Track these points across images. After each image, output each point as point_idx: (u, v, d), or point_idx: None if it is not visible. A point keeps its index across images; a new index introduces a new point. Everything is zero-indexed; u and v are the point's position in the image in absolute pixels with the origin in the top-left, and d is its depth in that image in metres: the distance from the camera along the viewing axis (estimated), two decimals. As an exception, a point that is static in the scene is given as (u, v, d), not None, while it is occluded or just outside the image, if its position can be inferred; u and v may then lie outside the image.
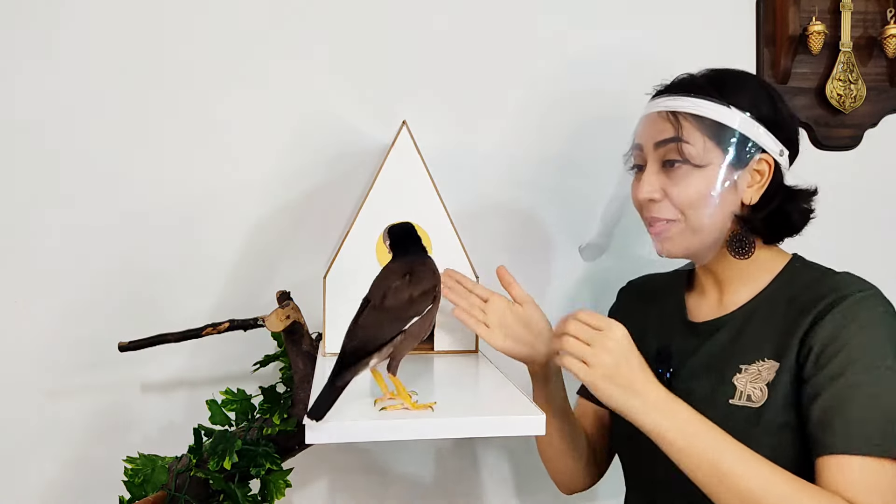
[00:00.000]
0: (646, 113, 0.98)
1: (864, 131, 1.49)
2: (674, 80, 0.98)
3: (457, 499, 1.37)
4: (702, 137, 0.91)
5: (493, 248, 1.33)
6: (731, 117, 0.90)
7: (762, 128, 0.91)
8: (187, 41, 1.24)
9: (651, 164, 0.95)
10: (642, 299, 1.12)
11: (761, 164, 0.92)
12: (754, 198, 0.92)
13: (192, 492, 1.00)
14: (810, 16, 1.40)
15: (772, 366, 0.88)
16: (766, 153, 0.91)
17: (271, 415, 1.05)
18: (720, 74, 0.95)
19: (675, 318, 1.03)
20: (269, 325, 1.03)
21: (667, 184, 0.93)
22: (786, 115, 0.94)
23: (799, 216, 0.95)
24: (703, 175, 0.91)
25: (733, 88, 0.92)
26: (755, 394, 0.88)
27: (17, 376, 1.21)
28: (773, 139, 0.92)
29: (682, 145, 0.91)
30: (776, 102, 0.93)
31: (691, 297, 1.04)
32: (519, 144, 1.35)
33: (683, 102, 0.93)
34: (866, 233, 1.51)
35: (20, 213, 1.20)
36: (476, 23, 1.33)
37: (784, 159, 0.93)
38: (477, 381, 0.98)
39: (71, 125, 1.21)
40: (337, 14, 1.28)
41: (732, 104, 0.91)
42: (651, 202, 0.95)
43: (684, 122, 0.92)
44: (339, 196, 1.29)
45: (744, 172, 0.91)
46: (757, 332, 0.92)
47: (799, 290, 0.91)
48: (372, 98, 1.30)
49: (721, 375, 0.92)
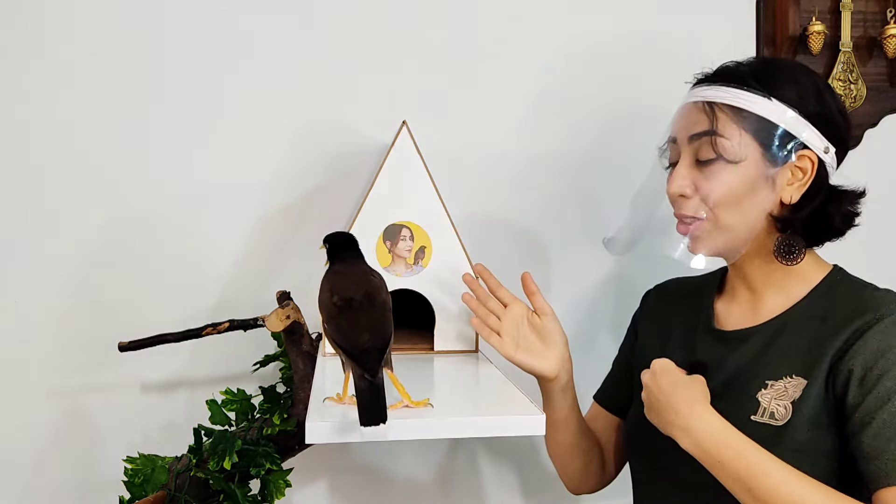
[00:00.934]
0: (684, 102, 0.93)
1: (864, 131, 1.49)
2: (717, 68, 0.93)
3: (457, 499, 1.37)
4: (738, 131, 0.86)
5: (493, 249, 1.33)
6: (772, 110, 0.85)
7: (807, 122, 0.86)
8: (187, 41, 1.24)
9: (684, 157, 0.90)
10: (668, 303, 1.07)
11: (804, 161, 0.86)
12: (795, 196, 0.87)
13: (192, 492, 1.00)
14: (810, 16, 1.40)
15: (799, 383, 0.84)
16: (810, 149, 0.86)
17: (271, 415, 1.05)
18: (766, 63, 0.90)
19: (700, 326, 0.98)
20: (269, 325, 1.03)
21: (699, 178, 0.88)
22: (835, 111, 0.88)
23: (842, 219, 0.90)
24: (738, 171, 0.86)
25: (778, 79, 0.87)
26: (779, 411, 0.84)
27: (17, 376, 1.21)
28: (818, 135, 0.86)
29: (716, 139, 0.86)
30: (825, 96, 0.87)
31: (721, 303, 0.99)
32: (519, 144, 1.35)
33: (721, 93, 0.88)
34: (866, 233, 1.51)
35: (20, 212, 1.20)
36: (476, 23, 1.33)
37: (830, 157, 0.88)
38: (477, 381, 0.98)
39: (71, 125, 1.21)
40: (337, 14, 1.28)
41: (775, 96, 0.85)
42: (682, 198, 0.90)
43: (720, 113, 0.87)
44: (339, 196, 1.28)
45: (783, 169, 0.86)
46: (787, 346, 0.87)
47: (835, 304, 0.86)
48: (372, 98, 1.30)
49: (745, 390, 0.88)
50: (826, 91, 0.88)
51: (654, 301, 1.11)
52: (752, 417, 0.85)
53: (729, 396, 0.89)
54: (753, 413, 0.85)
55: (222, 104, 1.25)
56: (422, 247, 1.08)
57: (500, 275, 1.06)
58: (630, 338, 1.14)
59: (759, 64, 0.90)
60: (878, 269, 1.51)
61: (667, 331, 1.03)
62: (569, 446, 1.07)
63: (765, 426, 0.84)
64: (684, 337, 1.00)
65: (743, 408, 0.86)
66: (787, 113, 0.85)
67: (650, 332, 1.07)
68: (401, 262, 1.08)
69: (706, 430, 0.81)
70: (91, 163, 1.22)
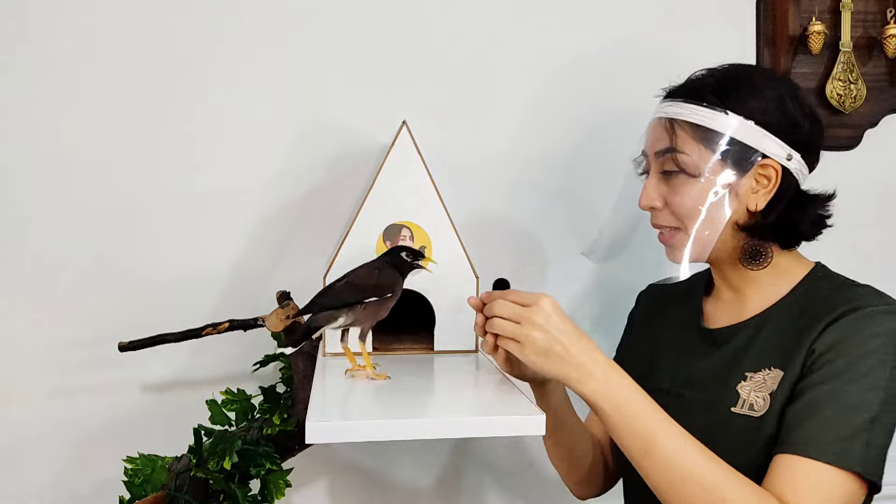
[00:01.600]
0: (651, 118, 0.97)
1: (864, 131, 1.49)
2: (684, 81, 0.96)
3: (457, 499, 1.37)
4: (697, 146, 0.89)
5: (493, 249, 1.33)
6: (727, 124, 0.88)
7: (765, 132, 0.88)
8: (188, 42, 1.24)
9: (653, 171, 0.95)
10: (661, 304, 1.10)
11: (767, 170, 0.89)
12: (761, 204, 0.90)
13: (192, 492, 1.00)
14: (810, 16, 1.40)
15: (776, 374, 0.86)
16: (771, 158, 0.88)
17: (271, 415, 1.05)
18: (727, 75, 0.92)
19: (691, 325, 1.01)
20: (269, 325, 1.03)
21: (667, 192, 0.93)
22: (798, 118, 0.90)
23: (810, 224, 0.92)
24: (700, 184, 0.89)
25: (737, 91, 0.89)
26: (757, 403, 0.86)
27: (17, 376, 1.21)
28: (778, 143, 0.88)
29: (676, 155, 0.90)
30: (787, 104, 0.89)
31: (709, 303, 1.02)
32: (519, 144, 1.35)
33: (679, 109, 0.91)
34: (866, 233, 1.51)
35: (20, 212, 1.20)
36: (476, 22, 1.33)
37: (794, 163, 0.89)
38: (477, 381, 0.98)
39: (71, 125, 1.21)
40: (337, 14, 1.28)
41: (732, 109, 0.88)
42: (653, 210, 0.95)
43: (679, 130, 0.90)
44: (339, 196, 1.28)
45: (745, 179, 0.89)
46: (767, 340, 0.90)
47: (815, 300, 0.89)
48: (372, 98, 1.30)
49: (726, 383, 0.90)
50: (790, 98, 0.90)
51: (647, 301, 1.15)
52: (733, 409, 0.88)
53: (711, 389, 0.92)
54: (733, 405, 0.88)
55: (222, 104, 1.25)
56: (422, 247, 1.08)
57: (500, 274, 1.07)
58: (627, 336, 1.16)
59: (722, 76, 0.92)
60: (877, 267, 1.52)
61: (660, 330, 1.06)
62: (568, 449, 1.07)
63: (744, 417, 0.86)
64: (674, 336, 1.02)
65: (724, 400, 0.89)
66: (744, 125, 0.88)
67: (644, 331, 1.10)
68: (401, 262, 1.08)
69: (615, 381, 0.82)
70: (91, 163, 1.22)
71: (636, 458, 0.81)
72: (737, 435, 0.85)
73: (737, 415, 0.87)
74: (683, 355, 0.99)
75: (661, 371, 1.01)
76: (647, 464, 0.80)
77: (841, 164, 1.49)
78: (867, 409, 0.79)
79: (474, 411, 0.84)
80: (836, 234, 1.48)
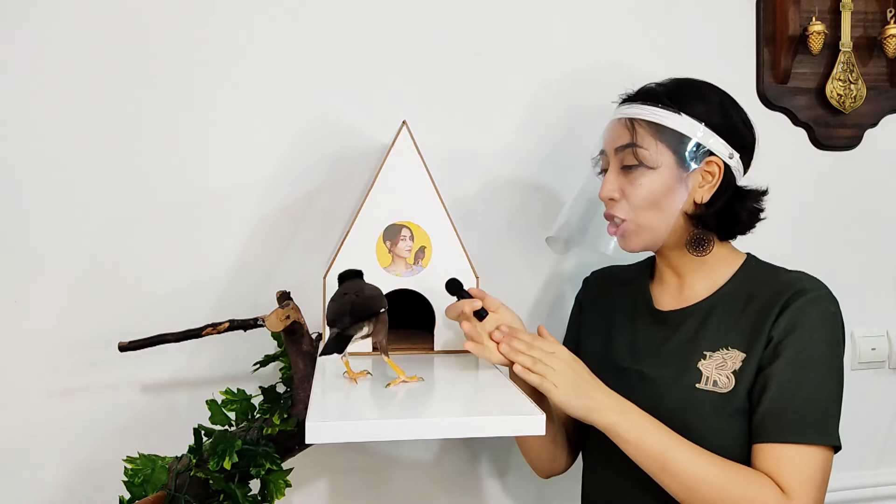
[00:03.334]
0: (611, 119, 1.07)
1: (864, 131, 1.49)
2: (638, 89, 1.06)
3: (457, 499, 1.37)
4: (655, 141, 1.00)
5: (493, 249, 1.33)
6: (681, 123, 0.99)
7: (712, 132, 0.99)
8: (188, 41, 1.24)
9: (612, 166, 1.04)
10: (608, 288, 1.19)
11: (711, 166, 1.00)
12: (705, 196, 1.01)
13: (192, 492, 1.00)
14: (810, 16, 1.40)
15: (737, 355, 0.98)
16: (716, 156, 1.00)
17: (271, 415, 1.05)
18: (679, 84, 1.04)
19: (642, 306, 1.11)
20: (269, 325, 1.03)
21: (625, 184, 1.02)
22: (738, 122, 1.02)
23: (748, 215, 1.03)
24: (656, 175, 1.00)
25: (688, 97, 1.01)
26: (721, 380, 0.97)
27: (17, 377, 1.21)
28: (722, 143, 1.00)
29: (636, 149, 1.00)
30: (728, 110, 1.01)
31: (654, 287, 1.12)
32: (519, 144, 1.35)
33: (639, 110, 1.02)
34: (866, 232, 1.51)
35: (20, 213, 1.20)
36: (476, 22, 1.33)
37: (735, 162, 1.01)
38: (477, 381, 0.98)
39: (71, 125, 1.21)
40: (337, 14, 1.28)
41: (685, 111, 0.99)
42: (611, 201, 1.04)
43: (639, 128, 1.01)
44: (339, 196, 1.29)
45: (694, 174, 1.00)
46: (719, 322, 1.01)
47: (757, 286, 1.01)
48: (372, 98, 1.30)
49: (686, 361, 1.01)
50: (730, 106, 1.02)
51: (596, 285, 1.23)
52: (697, 385, 0.98)
53: (674, 368, 1.02)
54: (697, 382, 0.98)
55: (222, 104, 1.25)
56: (422, 247, 1.08)
57: (500, 274, 1.07)
58: (575, 318, 1.23)
59: (674, 84, 1.04)
60: (876, 266, 1.52)
61: (609, 312, 1.15)
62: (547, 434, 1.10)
63: (711, 393, 0.97)
64: (626, 318, 1.12)
65: (687, 377, 0.99)
66: (695, 125, 0.99)
67: (593, 314, 1.19)
68: (401, 262, 1.08)
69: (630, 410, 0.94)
70: (91, 163, 1.22)
71: (654, 473, 0.92)
72: (706, 409, 0.96)
73: (703, 391, 0.97)
74: (638, 334, 1.09)
75: (617, 349, 1.10)
76: (665, 477, 0.92)
77: (841, 164, 1.49)
78: (827, 390, 0.93)
79: (474, 411, 0.84)
80: (836, 233, 1.49)
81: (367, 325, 0.92)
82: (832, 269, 1.21)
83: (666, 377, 1.01)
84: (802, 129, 1.48)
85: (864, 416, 1.51)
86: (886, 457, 1.53)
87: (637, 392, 0.99)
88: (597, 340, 1.14)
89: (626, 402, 0.95)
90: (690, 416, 0.96)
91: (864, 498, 1.51)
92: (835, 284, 0.99)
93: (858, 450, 1.51)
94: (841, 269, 1.48)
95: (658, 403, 0.98)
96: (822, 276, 1.00)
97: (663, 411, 0.96)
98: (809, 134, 1.48)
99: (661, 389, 1.00)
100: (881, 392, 1.53)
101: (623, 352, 1.09)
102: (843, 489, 1.48)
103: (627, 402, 0.95)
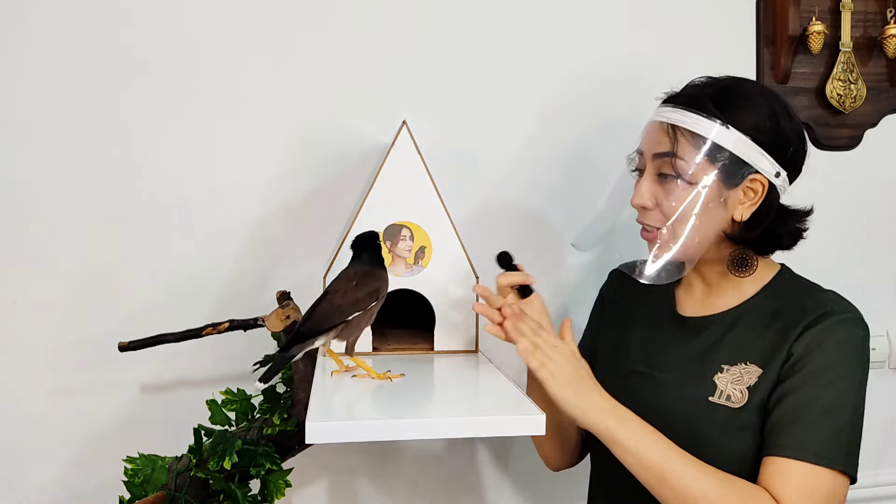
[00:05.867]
0: (651, 119, 1.00)
1: (864, 131, 1.49)
2: (684, 87, 0.99)
3: (457, 499, 1.37)
4: (696, 154, 0.93)
5: (493, 248, 1.33)
6: (727, 138, 0.92)
7: (759, 149, 0.92)
8: (187, 41, 1.24)
9: (648, 171, 0.98)
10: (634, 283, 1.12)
11: (755, 184, 0.93)
12: (745, 215, 0.95)
13: (192, 492, 1.00)
14: (810, 16, 1.40)
15: (754, 371, 0.93)
16: (761, 174, 0.93)
17: (271, 415, 1.05)
18: (728, 88, 0.95)
19: (664, 309, 1.06)
20: (269, 325, 1.03)
21: (660, 194, 0.96)
22: (789, 135, 0.94)
23: (789, 236, 0.98)
24: (694, 191, 0.93)
25: (737, 106, 0.93)
26: (735, 395, 0.93)
27: (17, 376, 1.21)
28: (769, 160, 0.93)
29: (675, 160, 0.94)
30: (780, 122, 0.93)
31: (679, 290, 1.07)
32: (519, 144, 1.35)
33: (683, 117, 0.94)
34: (866, 232, 1.51)
35: (20, 213, 1.20)
36: (476, 23, 1.33)
37: (781, 180, 0.95)
38: (477, 381, 0.98)
39: (71, 125, 1.21)
40: (337, 14, 1.28)
41: (732, 123, 0.92)
42: (644, 209, 0.98)
43: (681, 137, 0.94)
44: (339, 196, 1.28)
45: (735, 191, 0.93)
46: (741, 336, 0.96)
47: (785, 302, 0.95)
48: (372, 98, 1.30)
49: (703, 372, 0.96)
50: (783, 116, 0.94)
51: (620, 280, 1.17)
52: (710, 399, 0.94)
53: (688, 377, 0.97)
54: (711, 395, 0.94)
55: (222, 104, 1.25)
56: (422, 247, 1.08)
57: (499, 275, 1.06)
58: (598, 312, 1.20)
59: (722, 88, 0.96)
60: (876, 266, 1.52)
61: (630, 309, 1.11)
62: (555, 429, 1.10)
63: (723, 407, 0.93)
64: (647, 317, 1.08)
65: (701, 388, 0.95)
66: (741, 141, 0.92)
67: (614, 307, 1.15)
68: (401, 262, 1.08)
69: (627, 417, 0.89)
70: (91, 163, 1.22)
71: (651, 484, 0.88)
72: (716, 423, 0.92)
73: (715, 404, 0.93)
74: (654, 337, 1.05)
75: (631, 349, 1.06)
76: (662, 489, 0.87)
77: (841, 164, 1.49)
78: (843, 412, 0.87)
79: (474, 411, 0.84)
80: (837, 233, 1.49)
81: (323, 337, 0.91)
82: (832, 269, 1.21)
83: (678, 385, 0.97)
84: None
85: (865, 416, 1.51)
86: (886, 457, 1.53)
87: (644, 395, 0.97)
88: (612, 335, 1.11)
89: (623, 409, 0.90)
90: (699, 429, 0.92)
91: (864, 498, 1.50)
92: (834, 284, 0.99)
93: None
94: (841, 269, 1.48)
95: (666, 410, 0.94)
96: (822, 277, 1.00)
97: (670, 419, 0.92)
98: (809, 134, 1.47)
99: (671, 397, 0.97)
100: (881, 392, 1.53)
101: (637, 352, 1.05)
102: (843, 489, 1.48)
103: (625, 408, 0.90)
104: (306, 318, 0.92)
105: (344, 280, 0.95)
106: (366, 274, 0.95)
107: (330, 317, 0.91)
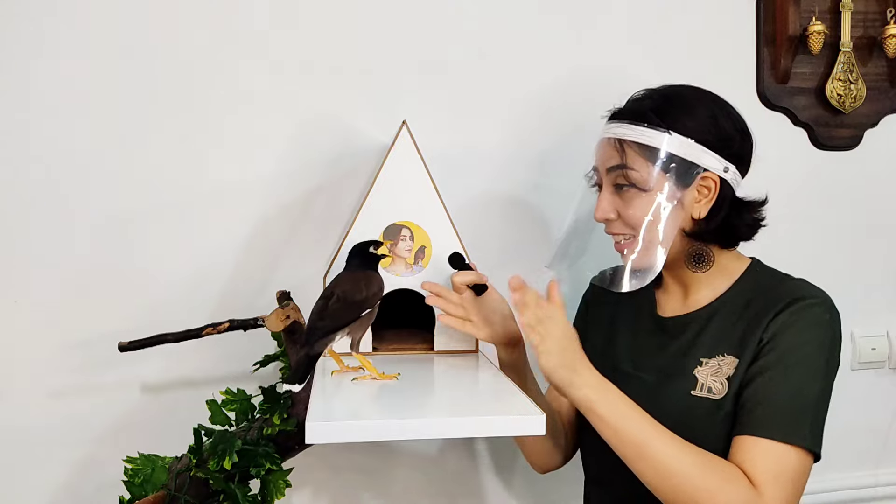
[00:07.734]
0: (600, 136, 1.04)
1: (864, 131, 1.49)
2: (626, 102, 1.04)
3: (457, 499, 1.37)
4: (645, 163, 0.97)
5: (492, 248, 1.33)
6: (671, 143, 0.96)
7: (704, 148, 0.97)
8: (187, 41, 1.24)
9: (606, 186, 1.03)
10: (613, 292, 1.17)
11: (707, 181, 0.98)
12: (703, 212, 0.99)
13: (192, 492, 1.00)
14: (810, 16, 1.40)
15: (731, 361, 0.97)
16: (710, 171, 0.97)
17: (271, 415, 1.05)
18: (666, 97, 1.01)
19: (645, 312, 1.10)
20: (269, 325, 1.03)
21: (620, 205, 1.01)
22: (731, 132, 0.99)
23: (747, 227, 1.01)
24: (650, 197, 0.98)
25: (676, 112, 0.98)
26: (716, 387, 0.96)
27: (17, 376, 1.21)
28: (716, 157, 0.97)
29: (627, 171, 0.98)
30: (719, 121, 0.98)
31: (660, 293, 1.11)
32: (519, 144, 1.35)
33: (627, 130, 0.99)
34: (866, 232, 1.51)
35: (20, 213, 1.20)
36: (476, 23, 1.33)
37: (730, 174, 0.99)
38: (477, 381, 0.98)
39: (70, 125, 1.21)
40: (337, 14, 1.28)
41: (674, 129, 0.96)
42: (608, 221, 1.03)
43: (628, 149, 0.98)
44: (339, 196, 1.29)
45: (688, 191, 0.98)
46: (717, 329, 1.00)
47: (757, 293, 0.99)
48: (372, 98, 1.30)
49: (683, 368, 1.00)
50: (722, 115, 0.99)
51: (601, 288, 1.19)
52: (692, 392, 0.98)
53: (671, 375, 1.01)
54: (693, 389, 0.98)
55: (222, 105, 1.25)
56: (422, 247, 1.08)
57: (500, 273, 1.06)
58: (583, 315, 1.22)
59: (660, 97, 1.01)
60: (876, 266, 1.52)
61: (613, 314, 1.14)
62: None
63: (705, 399, 0.96)
64: (629, 322, 1.11)
65: (684, 384, 0.99)
66: (685, 143, 0.96)
67: (598, 312, 1.18)
68: (401, 262, 1.08)
69: (609, 390, 0.92)
70: (91, 163, 1.22)
71: (630, 460, 0.90)
72: (700, 415, 0.96)
73: (697, 398, 0.97)
74: (639, 339, 1.08)
75: (618, 350, 1.10)
76: (640, 465, 0.89)
77: (841, 164, 1.49)
78: (808, 393, 0.91)
79: (474, 411, 0.84)
80: (837, 233, 1.49)
81: (341, 333, 0.94)
82: (832, 269, 1.22)
83: (663, 384, 1.01)
84: (802, 130, 1.48)
85: (864, 416, 1.51)
86: (886, 457, 1.53)
87: (634, 397, 0.97)
88: (599, 341, 1.13)
89: (608, 384, 0.92)
90: (685, 423, 0.94)
91: (864, 498, 1.51)
92: (834, 284, 0.99)
93: (858, 450, 1.51)
94: (841, 269, 1.48)
95: (654, 410, 0.95)
96: (822, 277, 1.00)
97: (659, 418, 0.93)
98: (809, 134, 1.48)
99: (657, 396, 0.99)
100: (881, 392, 1.53)
101: (623, 353, 1.08)
102: (843, 489, 1.48)
103: (610, 384, 0.92)
104: (321, 315, 0.93)
105: (351, 280, 0.97)
106: (367, 275, 0.99)
107: (348, 312, 0.94)
